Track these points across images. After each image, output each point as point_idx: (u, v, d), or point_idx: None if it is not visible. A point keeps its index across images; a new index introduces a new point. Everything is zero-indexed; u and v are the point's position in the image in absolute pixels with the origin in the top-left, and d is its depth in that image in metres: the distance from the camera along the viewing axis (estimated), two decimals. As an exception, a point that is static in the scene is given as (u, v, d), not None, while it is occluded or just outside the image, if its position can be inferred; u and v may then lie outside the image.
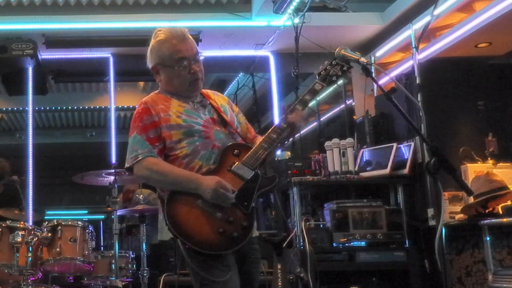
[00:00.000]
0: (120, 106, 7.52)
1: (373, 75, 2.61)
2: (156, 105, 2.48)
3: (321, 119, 7.18)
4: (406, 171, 4.65)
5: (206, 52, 5.82)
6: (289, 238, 4.57)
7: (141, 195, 5.19)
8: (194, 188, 2.33)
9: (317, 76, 2.55)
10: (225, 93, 7.50)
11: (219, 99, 2.66)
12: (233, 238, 2.31)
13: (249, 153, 2.42)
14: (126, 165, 2.47)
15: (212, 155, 2.42)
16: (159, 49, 2.52)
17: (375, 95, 5.64)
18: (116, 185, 4.44)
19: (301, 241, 4.43)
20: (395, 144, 4.78)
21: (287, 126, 2.43)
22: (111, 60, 5.97)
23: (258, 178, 2.40)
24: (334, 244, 4.49)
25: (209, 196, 2.30)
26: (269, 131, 2.45)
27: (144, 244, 4.74)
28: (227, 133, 2.52)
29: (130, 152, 2.46)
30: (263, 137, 2.45)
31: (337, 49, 2.51)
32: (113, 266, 4.38)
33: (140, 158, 2.41)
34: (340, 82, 6.44)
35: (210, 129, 2.48)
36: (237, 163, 2.40)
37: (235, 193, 2.34)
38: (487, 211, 4.14)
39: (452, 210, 4.33)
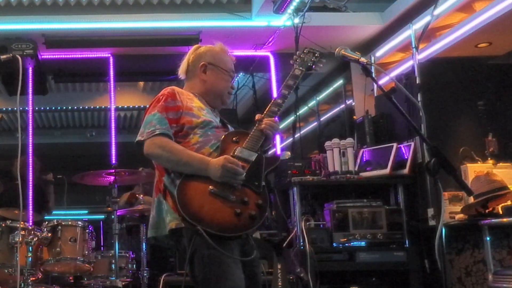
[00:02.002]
0: (120, 106, 7.51)
1: (373, 75, 2.62)
2: (181, 94, 2.57)
3: (321, 119, 7.18)
4: (406, 171, 4.65)
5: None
6: (289, 238, 4.57)
7: (141, 195, 5.19)
8: (204, 169, 2.37)
9: (295, 64, 2.73)
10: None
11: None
12: (251, 217, 2.34)
13: (248, 137, 2.49)
14: (139, 138, 2.48)
15: None
16: (216, 53, 2.73)
17: (375, 95, 5.64)
18: (116, 185, 4.44)
19: (301, 241, 4.43)
20: (395, 144, 4.78)
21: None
22: (111, 60, 5.96)
23: (262, 158, 2.47)
24: (334, 244, 4.49)
25: (218, 174, 2.34)
26: (264, 113, 2.56)
27: (144, 244, 4.74)
28: None
29: (146, 127, 2.47)
30: (258, 122, 2.54)
31: (337, 49, 2.52)
32: (113, 266, 4.38)
33: (157, 132, 2.43)
34: (341, 81, 6.46)
35: (221, 131, 2.57)
36: (238, 148, 2.45)
37: (244, 173, 2.38)
38: (487, 211, 4.14)
39: (452, 210, 4.33)
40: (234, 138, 2.50)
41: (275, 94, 5.98)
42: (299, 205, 4.60)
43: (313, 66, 2.73)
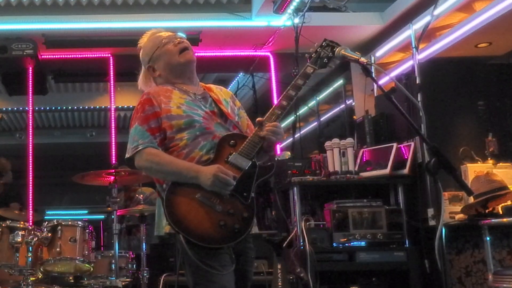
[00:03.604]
0: (120, 106, 7.51)
1: (373, 75, 2.61)
2: (158, 96, 2.50)
3: (321, 119, 7.18)
4: (406, 171, 4.65)
5: (206, 52, 5.89)
6: (289, 238, 4.57)
7: (141, 195, 5.18)
8: (194, 177, 2.32)
9: (308, 60, 2.55)
10: (225, 93, 7.48)
11: (222, 93, 2.66)
12: (234, 231, 2.31)
13: (245, 142, 2.40)
14: (127, 155, 2.48)
15: (213, 146, 2.42)
16: (144, 50, 2.68)
17: (375, 95, 5.64)
18: (116, 185, 4.44)
19: (301, 241, 4.43)
20: (395, 144, 4.78)
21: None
22: (111, 60, 5.97)
23: (256, 167, 2.39)
24: (334, 244, 4.49)
25: (209, 182, 2.29)
26: (266, 116, 2.45)
27: (144, 244, 4.74)
28: (227, 126, 2.52)
29: (131, 142, 2.46)
30: (259, 126, 2.43)
31: (337, 49, 2.51)
32: (113, 266, 4.38)
33: (140, 148, 2.41)
34: (341, 81, 6.46)
35: (210, 121, 2.48)
36: (233, 153, 2.39)
37: (234, 182, 2.33)
38: (487, 211, 4.14)
39: (452, 210, 4.33)
40: (231, 142, 2.42)
41: (275, 94, 6.05)
42: (299, 205, 4.60)
43: (328, 63, 2.53)
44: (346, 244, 4.50)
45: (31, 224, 4.81)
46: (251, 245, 2.52)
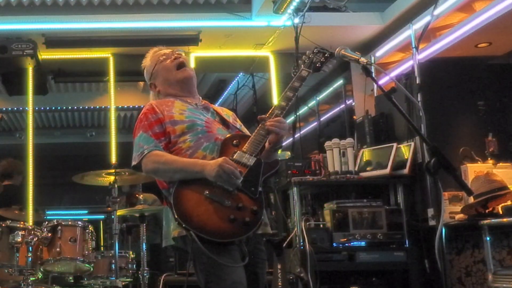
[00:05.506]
0: (120, 106, 7.51)
1: (373, 75, 2.61)
2: (160, 106, 2.58)
3: (321, 119, 7.19)
4: (406, 171, 4.65)
5: (206, 52, 5.89)
6: (289, 238, 4.57)
7: (142, 196, 5.19)
8: (200, 171, 2.36)
9: (302, 64, 2.66)
10: (225, 93, 7.50)
11: (223, 111, 2.75)
12: (245, 223, 2.32)
13: (248, 141, 2.45)
14: (133, 163, 2.52)
15: (215, 147, 2.47)
16: (146, 69, 2.75)
17: (375, 95, 5.64)
18: (116, 185, 4.44)
19: (301, 241, 4.43)
20: (395, 144, 4.78)
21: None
22: (111, 60, 5.97)
23: (261, 163, 2.43)
24: (334, 244, 4.49)
25: (214, 173, 2.31)
26: (267, 116, 2.49)
27: (144, 244, 4.74)
28: (229, 131, 2.58)
29: (136, 150, 2.51)
30: (260, 124, 2.48)
31: (337, 49, 2.52)
32: (113, 266, 4.38)
33: (146, 152, 2.46)
34: (341, 81, 6.46)
35: (212, 126, 2.55)
36: (238, 152, 2.43)
37: (241, 177, 2.35)
38: (487, 211, 4.14)
39: (452, 210, 4.33)
40: (234, 142, 2.47)
41: (275, 94, 6.05)
42: (299, 205, 4.60)
43: (321, 67, 2.67)
44: (346, 244, 4.50)
45: (31, 224, 4.81)
46: (262, 247, 2.54)
